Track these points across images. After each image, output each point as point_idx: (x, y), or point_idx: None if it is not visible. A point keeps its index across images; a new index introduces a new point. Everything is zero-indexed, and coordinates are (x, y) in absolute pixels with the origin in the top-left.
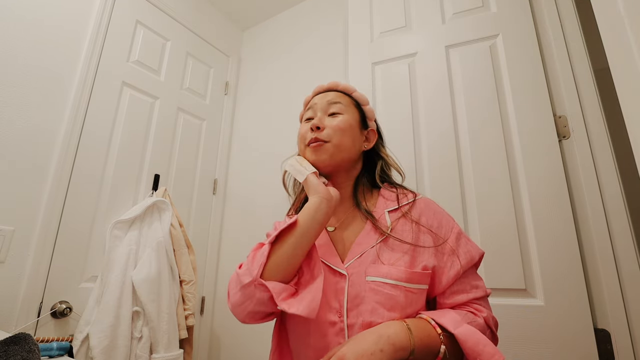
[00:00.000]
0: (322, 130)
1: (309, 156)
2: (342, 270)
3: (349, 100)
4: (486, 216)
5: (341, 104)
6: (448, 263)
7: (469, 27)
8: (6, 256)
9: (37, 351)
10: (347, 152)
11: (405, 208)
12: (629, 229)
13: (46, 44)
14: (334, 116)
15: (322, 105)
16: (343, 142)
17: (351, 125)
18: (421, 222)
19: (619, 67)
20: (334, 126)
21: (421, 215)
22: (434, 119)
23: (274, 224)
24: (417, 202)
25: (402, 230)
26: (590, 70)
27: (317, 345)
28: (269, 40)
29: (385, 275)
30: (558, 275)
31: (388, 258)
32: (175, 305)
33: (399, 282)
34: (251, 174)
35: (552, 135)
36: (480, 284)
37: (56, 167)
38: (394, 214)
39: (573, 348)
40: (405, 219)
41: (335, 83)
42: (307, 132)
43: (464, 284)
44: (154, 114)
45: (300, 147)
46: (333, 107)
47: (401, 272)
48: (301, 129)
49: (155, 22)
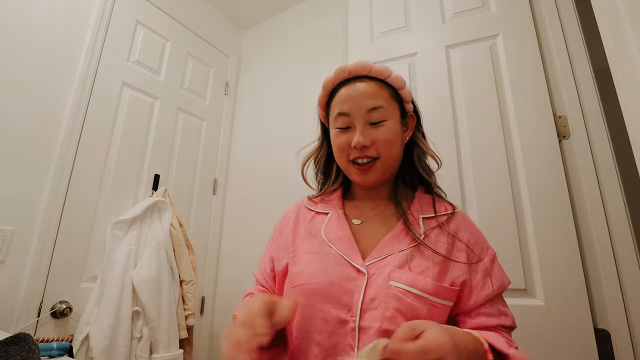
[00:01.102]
0: (370, 147)
1: (355, 177)
2: (361, 268)
3: (387, 95)
4: (486, 216)
5: (383, 107)
6: (480, 283)
7: (469, 27)
8: (6, 256)
9: (37, 351)
10: (396, 162)
11: (442, 219)
12: (629, 229)
13: (46, 44)
14: (379, 126)
15: (359, 113)
16: (392, 154)
17: (396, 131)
18: (458, 236)
19: (619, 67)
20: (381, 139)
21: (458, 229)
22: (433, 119)
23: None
24: (456, 214)
25: (436, 241)
26: (590, 70)
27: (325, 343)
28: (269, 40)
29: (412, 283)
30: (558, 275)
31: (417, 266)
32: (175, 305)
33: (424, 293)
34: (251, 174)
35: (552, 135)
36: (509, 313)
37: (56, 167)
38: (428, 222)
39: (573, 348)
40: (440, 230)
41: (365, 66)
42: (347, 148)
43: (493, 308)
44: (154, 114)
45: (341, 163)
46: (375, 114)
47: (428, 284)
48: (337, 140)
49: (155, 22)
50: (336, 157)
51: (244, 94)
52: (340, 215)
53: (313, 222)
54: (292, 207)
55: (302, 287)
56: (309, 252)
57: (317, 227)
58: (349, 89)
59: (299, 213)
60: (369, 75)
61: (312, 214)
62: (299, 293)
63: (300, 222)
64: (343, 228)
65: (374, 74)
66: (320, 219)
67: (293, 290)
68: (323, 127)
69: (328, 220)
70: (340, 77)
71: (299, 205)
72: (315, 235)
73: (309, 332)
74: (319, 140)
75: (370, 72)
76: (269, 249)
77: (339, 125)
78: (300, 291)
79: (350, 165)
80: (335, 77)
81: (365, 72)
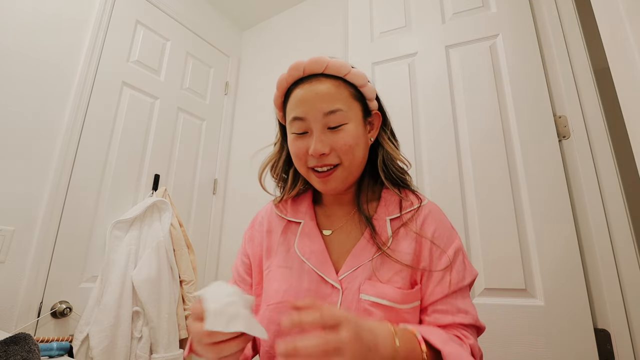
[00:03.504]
0: (329, 154)
1: (317, 185)
2: (335, 284)
3: (346, 94)
4: (486, 216)
5: (342, 110)
6: (438, 277)
7: (469, 27)
8: (6, 256)
9: (37, 351)
10: (359, 167)
11: (407, 216)
12: (629, 229)
13: (46, 45)
14: (338, 130)
15: (316, 117)
16: (355, 159)
17: (358, 134)
18: (422, 232)
19: (619, 67)
20: (341, 145)
21: (424, 223)
22: (433, 119)
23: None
24: (421, 208)
25: (402, 244)
26: (590, 70)
27: None
28: (269, 40)
29: (381, 295)
30: (558, 275)
31: (384, 274)
32: (176, 305)
33: (394, 303)
34: (251, 174)
35: (552, 135)
36: (471, 311)
37: (56, 167)
38: (395, 222)
39: (573, 348)
40: (405, 229)
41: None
42: (305, 155)
43: (450, 305)
44: (154, 114)
45: (301, 170)
46: (333, 117)
47: (397, 293)
48: (294, 146)
49: (155, 22)
50: (295, 164)
51: (244, 94)
52: (312, 227)
53: (286, 232)
54: (261, 212)
55: (278, 305)
56: (283, 266)
57: (290, 240)
58: (304, 90)
59: (270, 219)
60: (325, 73)
61: (284, 223)
62: (275, 311)
63: (273, 229)
64: (316, 241)
65: (330, 72)
66: (293, 230)
67: (268, 308)
68: (282, 128)
69: (301, 232)
70: (295, 76)
71: (267, 210)
72: (289, 250)
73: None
74: (278, 144)
75: (327, 69)
76: (243, 254)
77: (295, 130)
78: (276, 309)
79: (310, 172)
80: (289, 75)
81: (321, 69)
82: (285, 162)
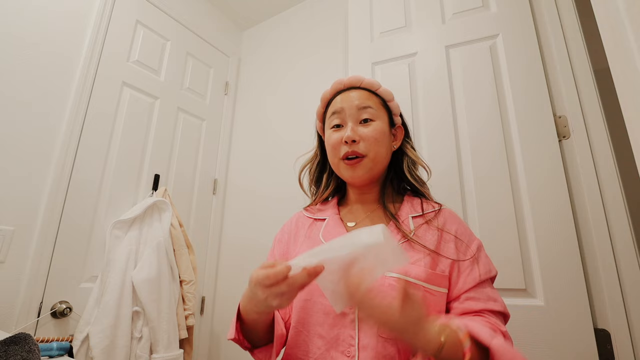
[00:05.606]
0: (358, 142)
1: (345, 173)
2: None
3: (377, 101)
4: (486, 216)
5: (372, 108)
6: (468, 268)
7: (469, 27)
8: (6, 256)
9: (37, 351)
10: (382, 162)
11: (429, 215)
12: (629, 229)
13: (46, 45)
14: (367, 124)
15: (351, 111)
16: (379, 153)
17: (384, 133)
18: (445, 228)
19: (619, 67)
20: (369, 137)
21: (445, 222)
22: (433, 119)
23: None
24: (442, 211)
25: (424, 236)
26: (590, 70)
27: (326, 335)
28: (269, 40)
29: (405, 272)
30: (558, 275)
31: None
32: (175, 305)
33: (418, 281)
34: (251, 174)
35: (552, 135)
36: (499, 299)
37: (56, 167)
38: (417, 220)
39: (573, 348)
40: (428, 226)
41: (358, 78)
42: (339, 144)
43: (481, 293)
44: (154, 114)
45: (333, 161)
46: (364, 112)
47: (421, 271)
48: (330, 138)
49: (155, 22)
50: (329, 157)
51: (244, 94)
52: (336, 220)
53: (312, 228)
54: (292, 217)
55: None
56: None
57: (316, 231)
58: (343, 95)
59: (298, 221)
60: (361, 86)
61: (311, 221)
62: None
63: (300, 228)
64: (340, 230)
65: (365, 86)
66: (318, 225)
67: None
68: (319, 138)
69: (326, 225)
70: (337, 88)
71: (297, 215)
72: (314, 239)
73: (310, 324)
74: (315, 150)
75: (362, 83)
76: (272, 256)
77: (333, 122)
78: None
79: (341, 162)
80: (332, 88)
81: (358, 83)
82: (319, 164)
